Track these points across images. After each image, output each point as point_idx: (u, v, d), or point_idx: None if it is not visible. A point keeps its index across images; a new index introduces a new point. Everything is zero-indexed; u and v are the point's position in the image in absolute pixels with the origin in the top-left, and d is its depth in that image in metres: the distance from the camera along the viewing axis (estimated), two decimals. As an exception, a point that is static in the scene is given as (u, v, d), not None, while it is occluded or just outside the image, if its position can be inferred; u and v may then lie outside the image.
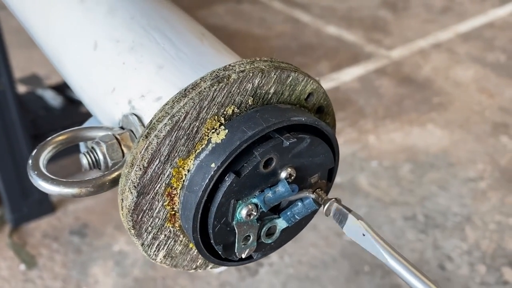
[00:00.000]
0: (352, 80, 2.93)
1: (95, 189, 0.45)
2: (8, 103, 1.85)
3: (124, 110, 0.51)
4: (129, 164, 0.43)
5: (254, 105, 0.46)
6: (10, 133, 1.88)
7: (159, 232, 0.46)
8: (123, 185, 0.44)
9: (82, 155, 0.48)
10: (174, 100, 0.43)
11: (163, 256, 0.48)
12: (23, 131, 1.90)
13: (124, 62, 0.53)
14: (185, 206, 0.45)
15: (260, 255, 0.50)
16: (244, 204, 0.45)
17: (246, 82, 0.44)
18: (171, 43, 0.53)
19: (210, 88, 0.43)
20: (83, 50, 0.58)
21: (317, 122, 0.47)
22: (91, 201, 2.12)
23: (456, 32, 3.41)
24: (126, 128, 0.50)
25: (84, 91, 0.59)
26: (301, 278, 1.80)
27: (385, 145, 2.41)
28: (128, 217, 0.44)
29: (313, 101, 0.50)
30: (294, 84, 0.48)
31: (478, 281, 1.77)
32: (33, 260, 1.88)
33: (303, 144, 0.46)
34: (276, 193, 0.45)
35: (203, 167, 0.44)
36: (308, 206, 0.48)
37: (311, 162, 0.48)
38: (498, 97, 2.74)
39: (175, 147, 0.43)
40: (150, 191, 0.44)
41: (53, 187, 0.44)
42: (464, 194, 2.12)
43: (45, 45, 0.67)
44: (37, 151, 0.48)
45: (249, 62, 0.45)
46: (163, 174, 0.44)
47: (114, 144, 0.48)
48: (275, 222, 0.48)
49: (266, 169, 0.45)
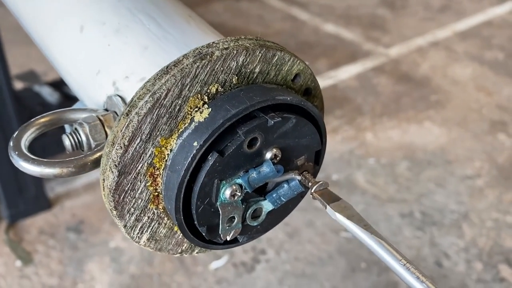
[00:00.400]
0: (350, 78, 2.92)
1: (76, 169, 0.44)
2: (5, 99, 1.85)
3: (109, 92, 0.50)
4: (110, 143, 0.42)
5: (238, 84, 0.45)
6: (6, 129, 1.88)
7: (142, 214, 0.46)
8: (104, 164, 0.43)
9: (65, 136, 0.47)
10: (156, 78, 0.43)
11: (146, 239, 0.47)
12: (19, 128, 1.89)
13: (110, 44, 0.53)
14: (168, 186, 0.44)
15: (246, 238, 0.49)
16: (228, 184, 0.44)
17: (230, 59, 0.44)
18: (157, 25, 0.52)
19: (192, 65, 0.42)
20: (69, 33, 0.58)
21: (303, 102, 0.46)
22: (87, 198, 2.12)
23: (454, 30, 3.40)
24: (110, 110, 0.49)
25: (71, 75, 0.59)
26: (297, 274, 1.80)
27: (383, 142, 2.40)
28: (110, 197, 0.43)
29: (300, 82, 0.49)
30: (280, 63, 0.47)
31: (475, 278, 1.76)
32: (29, 257, 1.87)
33: (288, 124, 0.45)
34: (260, 174, 0.45)
35: (186, 146, 0.43)
36: (294, 188, 0.47)
37: (297, 143, 0.47)
38: (496, 95, 2.73)
39: (156, 125, 0.43)
40: (132, 170, 0.43)
41: (34, 167, 0.44)
42: (461, 192, 2.11)
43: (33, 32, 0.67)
44: (18, 132, 0.47)
45: (233, 40, 0.45)
46: (145, 154, 0.43)
47: (97, 125, 0.47)
48: (261, 204, 0.48)
49: (251, 149, 0.44)
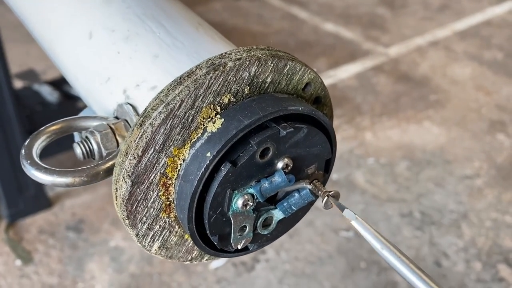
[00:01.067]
0: (350, 77, 2.92)
1: (89, 179, 0.44)
2: (5, 98, 1.84)
3: (119, 99, 0.50)
4: (123, 153, 0.43)
5: (250, 94, 0.46)
6: (6, 128, 1.88)
7: (154, 223, 0.46)
8: (117, 174, 0.43)
9: (76, 145, 0.47)
10: (169, 88, 0.43)
11: (158, 247, 0.47)
12: (19, 127, 1.89)
13: (119, 51, 0.53)
14: (180, 196, 0.44)
15: (256, 246, 0.50)
16: (240, 194, 0.44)
17: (243, 70, 0.44)
18: (167, 32, 0.52)
19: (205, 76, 0.42)
20: (78, 39, 0.58)
21: (314, 111, 0.46)
22: (87, 197, 2.12)
23: (454, 30, 3.41)
24: (120, 118, 0.49)
25: (79, 81, 0.59)
26: (297, 274, 1.80)
27: (382, 142, 2.41)
28: (123, 207, 0.43)
29: (311, 91, 0.50)
30: (291, 73, 0.47)
31: (474, 278, 1.77)
32: (29, 256, 1.87)
33: (300, 134, 0.45)
34: (272, 183, 0.45)
35: (199, 156, 0.43)
36: (304, 197, 0.47)
37: (308, 153, 0.47)
38: (495, 95, 2.74)
39: (170, 135, 0.43)
40: (145, 180, 0.43)
41: (47, 176, 0.44)
42: (460, 192, 2.12)
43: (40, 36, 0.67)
44: (30, 141, 0.47)
45: (245, 50, 0.45)
46: (158, 164, 0.43)
47: (108, 134, 0.47)
48: (272, 213, 0.48)
49: (263, 159, 0.44)
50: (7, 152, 1.89)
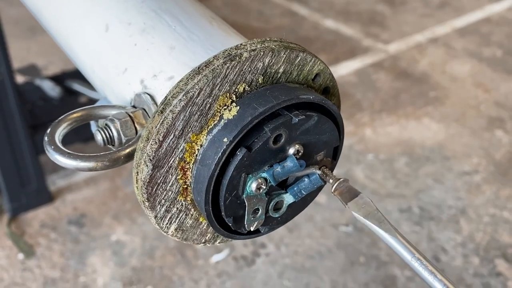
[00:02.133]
0: (349, 74, 2.95)
1: (110, 163, 0.46)
2: (7, 93, 1.85)
3: (136, 89, 0.53)
4: (145, 138, 0.45)
5: (264, 84, 0.48)
6: (8, 123, 1.89)
7: (171, 205, 0.48)
8: (139, 158, 0.45)
9: (97, 131, 0.50)
10: (188, 77, 0.45)
11: (174, 229, 0.50)
12: (21, 121, 1.90)
13: (136, 44, 0.55)
14: (198, 179, 0.46)
15: (268, 229, 0.52)
16: (254, 178, 0.47)
17: (257, 60, 0.46)
18: (182, 25, 0.54)
19: (223, 66, 0.45)
20: (94, 32, 0.60)
21: (324, 100, 0.48)
22: (89, 192, 2.13)
23: (453, 27, 3.43)
24: (138, 107, 0.51)
25: (96, 73, 0.61)
26: (297, 268, 1.83)
27: (381, 138, 2.43)
28: (143, 190, 0.46)
29: (320, 82, 0.52)
30: (302, 64, 0.50)
31: (472, 273, 1.80)
32: (31, 250, 1.89)
33: (310, 121, 0.48)
34: (284, 168, 0.47)
35: (216, 141, 0.45)
36: (314, 182, 0.49)
37: (317, 140, 0.50)
38: (494, 92, 2.77)
39: (189, 122, 0.45)
40: (165, 164, 0.46)
41: (70, 161, 0.46)
42: (459, 187, 2.15)
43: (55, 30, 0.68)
44: (52, 128, 0.49)
45: (260, 42, 0.47)
46: (177, 149, 0.46)
47: (127, 121, 0.49)
48: (283, 197, 0.50)
49: (276, 144, 0.47)
50: (10, 146, 1.91)
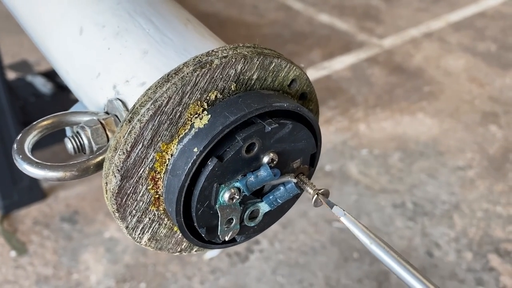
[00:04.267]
0: (344, 69, 2.93)
1: (79, 173, 0.45)
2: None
3: (109, 95, 0.51)
4: (113, 148, 0.44)
5: (237, 91, 0.47)
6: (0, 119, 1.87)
7: (143, 215, 0.47)
8: (107, 168, 0.44)
9: (67, 140, 0.49)
10: (157, 85, 0.44)
11: (147, 239, 0.49)
12: (12, 118, 1.89)
13: (109, 47, 0.53)
14: (169, 189, 0.45)
15: (244, 238, 0.51)
16: (226, 188, 0.46)
17: (229, 67, 0.45)
18: (156, 29, 0.53)
19: (192, 73, 0.43)
20: (69, 35, 0.58)
21: (299, 108, 0.47)
22: (82, 188, 2.13)
23: (448, 21, 3.42)
24: (111, 113, 0.50)
25: (70, 76, 0.59)
26: (291, 264, 1.82)
27: (376, 133, 2.42)
28: (112, 200, 0.45)
29: (296, 88, 0.51)
30: (277, 70, 0.48)
31: (465, 268, 1.80)
32: (23, 247, 1.88)
33: (285, 129, 0.47)
34: (258, 177, 0.46)
35: (186, 151, 0.44)
36: (290, 190, 0.48)
37: (293, 148, 0.49)
38: (488, 87, 2.76)
39: (158, 131, 0.44)
40: (134, 174, 0.45)
41: (38, 170, 0.45)
42: (452, 183, 2.15)
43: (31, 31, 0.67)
44: (22, 136, 0.48)
45: (231, 48, 0.46)
46: (146, 158, 0.45)
47: (98, 129, 0.48)
48: (258, 205, 0.49)
49: (249, 154, 0.46)
50: (1, 143, 1.89)
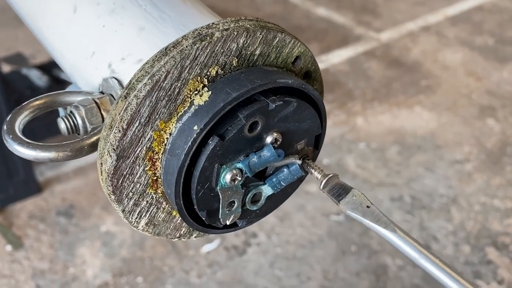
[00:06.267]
0: (341, 62, 2.91)
1: (73, 153, 0.43)
2: (-8, 82, 1.81)
3: (104, 74, 0.49)
4: (108, 126, 0.42)
5: (239, 67, 0.45)
6: (-6, 112, 1.85)
7: (140, 198, 0.45)
8: (102, 148, 0.42)
9: (60, 120, 0.46)
10: (155, 59, 0.42)
11: (145, 223, 0.47)
12: (7, 111, 1.87)
13: (104, 25, 0.51)
14: (167, 170, 0.43)
15: (245, 222, 0.49)
16: (228, 169, 0.44)
17: (231, 41, 0.43)
18: (153, 5, 0.51)
19: (192, 46, 0.41)
20: (62, 14, 0.56)
21: (304, 85, 0.45)
22: (78, 182, 2.10)
23: (445, 15, 3.40)
24: (106, 93, 0.48)
25: (64, 57, 0.57)
26: (288, 257, 1.81)
27: (373, 127, 2.41)
28: (108, 182, 0.42)
29: (301, 65, 0.49)
30: (280, 45, 0.46)
31: (463, 261, 1.79)
32: (19, 241, 1.86)
33: (289, 108, 0.45)
34: (261, 158, 0.44)
35: (186, 130, 0.42)
36: (294, 173, 0.46)
37: (297, 128, 0.46)
38: (486, 81, 2.75)
39: (155, 108, 0.42)
40: (130, 154, 0.42)
41: (29, 151, 0.43)
42: (450, 176, 2.14)
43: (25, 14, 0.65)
44: (12, 116, 0.46)
45: (233, 21, 0.44)
46: (143, 137, 0.42)
47: (93, 108, 0.46)
48: (261, 188, 0.47)
49: (251, 133, 0.44)
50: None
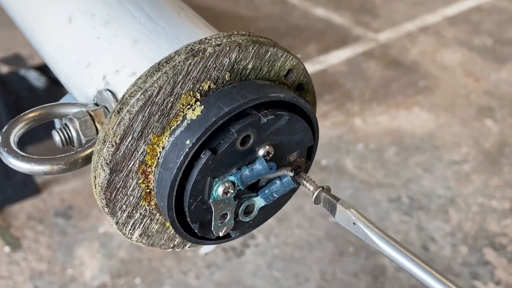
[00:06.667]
0: (340, 63, 2.92)
1: (67, 167, 0.43)
2: (-10, 83, 1.82)
3: (99, 86, 0.50)
4: (101, 140, 0.42)
5: (231, 81, 0.45)
6: (-8, 114, 1.85)
7: (134, 211, 0.46)
8: (96, 162, 0.43)
9: (55, 132, 0.47)
10: (147, 75, 0.42)
11: (138, 234, 0.47)
12: (5, 112, 1.87)
13: (99, 37, 0.52)
14: (160, 183, 0.44)
15: (238, 233, 0.50)
16: (220, 182, 0.44)
17: (223, 56, 0.43)
18: (148, 17, 0.51)
19: (184, 62, 0.42)
20: (57, 24, 0.57)
21: (296, 99, 0.46)
22: (76, 183, 2.11)
23: (444, 15, 3.40)
24: (100, 105, 0.48)
25: (59, 67, 0.58)
26: (286, 258, 1.82)
27: (371, 127, 2.41)
28: (101, 195, 0.43)
29: (293, 78, 0.49)
30: (273, 59, 0.47)
31: (460, 262, 1.80)
32: (17, 242, 1.86)
33: (281, 121, 0.45)
34: (253, 171, 0.45)
35: (178, 144, 0.43)
36: (286, 184, 0.47)
37: (289, 140, 0.47)
38: (484, 81, 2.75)
39: (148, 123, 0.42)
40: (124, 168, 0.43)
41: (24, 164, 0.43)
42: (448, 177, 2.14)
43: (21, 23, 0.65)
44: (7, 128, 0.46)
45: (226, 36, 0.44)
46: (136, 151, 0.43)
47: (87, 121, 0.47)
48: (253, 200, 0.48)
49: (243, 146, 0.44)
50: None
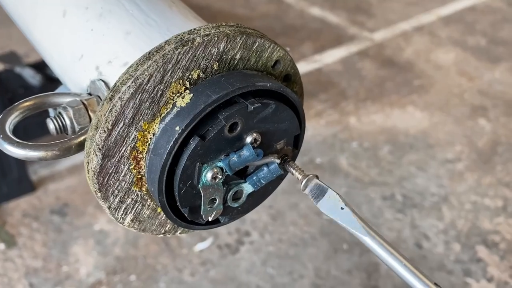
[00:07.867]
0: (335, 62, 2.93)
1: (61, 152, 0.45)
2: (-15, 81, 1.82)
3: (92, 76, 0.51)
4: (94, 126, 0.44)
5: (219, 70, 0.47)
6: (-13, 111, 1.86)
7: (126, 196, 0.47)
8: (88, 147, 0.44)
9: (49, 120, 0.48)
10: (138, 63, 0.44)
11: (130, 219, 0.49)
12: (1, 110, 1.87)
13: (93, 29, 0.53)
14: (151, 169, 0.45)
15: (228, 219, 0.51)
16: (209, 168, 0.46)
17: (211, 46, 0.45)
18: (140, 10, 0.53)
19: (174, 51, 0.43)
20: (52, 18, 0.58)
21: (282, 88, 0.47)
22: (72, 181, 2.11)
23: (438, 15, 3.43)
24: (93, 94, 0.50)
25: (54, 59, 0.59)
26: (281, 255, 1.83)
27: (366, 126, 2.43)
28: (94, 180, 0.44)
29: (280, 69, 0.51)
30: (260, 50, 0.48)
31: (453, 259, 1.82)
32: (12, 240, 1.87)
33: (268, 109, 0.47)
34: (241, 157, 0.46)
35: (168, 130, 0.44)
36: (273, 171, 0.48)
37: (276, 128, 0.49)
38: (478, 80, 2.78)
39: (139, 110, 0.44)
40: (116, 153, 0.44)
41: (19, 150, 0.45)
42: (441, 175, 2.16)
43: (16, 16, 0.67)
44: (3, 116, 0.48)
45: (214, 27, 0.46)
46: (128, 137, 0.44)
47: (81, 109, 0.48)
48: (241, 186, 0.49)
49: (231, 133, 0.46)
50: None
